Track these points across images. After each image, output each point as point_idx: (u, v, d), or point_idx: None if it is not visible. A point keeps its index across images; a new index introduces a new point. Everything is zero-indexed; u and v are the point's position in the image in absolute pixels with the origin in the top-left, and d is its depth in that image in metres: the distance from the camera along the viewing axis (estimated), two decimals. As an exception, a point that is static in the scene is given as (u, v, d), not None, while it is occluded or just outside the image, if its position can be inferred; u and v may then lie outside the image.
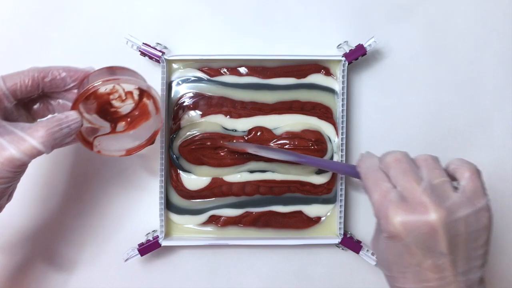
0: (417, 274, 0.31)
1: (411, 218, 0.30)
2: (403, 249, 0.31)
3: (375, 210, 0.32)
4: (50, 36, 0.48)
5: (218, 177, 0.47)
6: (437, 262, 0.30)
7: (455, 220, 0.30)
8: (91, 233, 0.48)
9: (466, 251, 0.30)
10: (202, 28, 0.49)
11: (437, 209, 0.30)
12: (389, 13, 0.49)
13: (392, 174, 0.33)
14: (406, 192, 0.31)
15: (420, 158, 0.33)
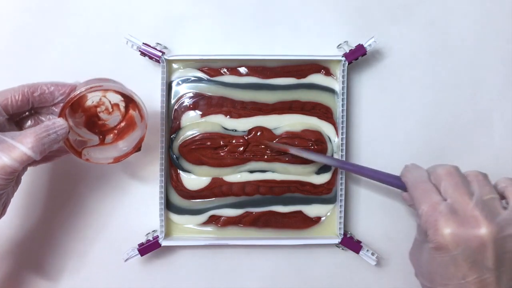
0: (460, 287, 0.31)
1: (461, 230, 0.30)
2: (449, 260, 0.31)
3: (422, 220, 0.33)
4: (50, 36, 0.48)
5: (218, 177, 0.47)
6: (482, 277, 0.30)
7: (504, 236, 0.30)
8: (91, 233, 0.48)
9: (511, 268, 0.31)
10: (202, 28, 0.49)
11: (488, 224, 0.30)
12: (389, 13, 0.49)
13: (444, 186, 0.33)
14: (457, 205, 0.32)
15: (471, 174, 0.34)
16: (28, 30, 0.48)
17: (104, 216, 0.48)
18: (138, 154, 0.44)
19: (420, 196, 0.34)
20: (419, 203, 0.34)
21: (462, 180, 0.33)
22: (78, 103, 0.41)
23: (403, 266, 0.50)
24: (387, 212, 0.49)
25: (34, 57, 0.48)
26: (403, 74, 0.49)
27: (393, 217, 0.50)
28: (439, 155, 0.50)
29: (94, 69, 0.48)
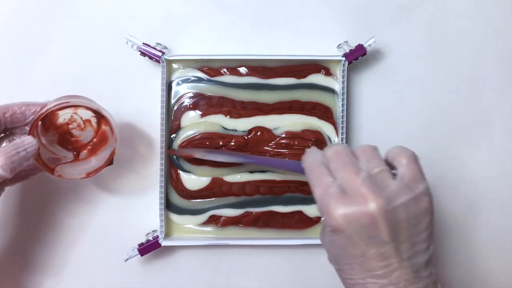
0: (363, 264, 0.31)
1: (351, 210, 0.30)
2: (346, 241, 0.31)
3: (318, 205, 0.32)
4: (50, 36, 0.48)
5: (218, 177, 0.47)
6: (380, 250, 0.30)
7: (394, 207, 0.30)
8: (91, 233, 0.48)
9: (409, 236, 0.31)
10: (202, 28, 0.49)
11: (375, 199, 0.30)
12: (389, 13, 0.49)
13: (332, 167, 0.33)
14: (346, 184, 0.31)
15: (358, 150, 0.34)
16: (28, 30, 0.48)
17: (104, 216, 0.48)
18: (139, 154, 0.44)
19: (314, 180, 0.33)
20: (313, 187, 0.33)
21: (349, 159, 0.33)
22: (49, 121, 0.42)
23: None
24: (387, 212, 0.49)
25: (34, 57, 0.48)
26: (403, 74, 0.49)
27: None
28: (439, 155, 0.50)
29: (94, 69, 0.48)
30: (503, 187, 0.50)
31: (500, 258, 0.50)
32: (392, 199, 0.30)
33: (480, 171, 0.50)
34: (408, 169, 0.32)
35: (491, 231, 0.50)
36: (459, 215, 0.50)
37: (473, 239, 0.50)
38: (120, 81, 0.48)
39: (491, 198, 0.50)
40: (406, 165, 0.32)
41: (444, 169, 0.50)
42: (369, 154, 0.33)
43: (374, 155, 0.33)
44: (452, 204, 0.50)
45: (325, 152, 0.34)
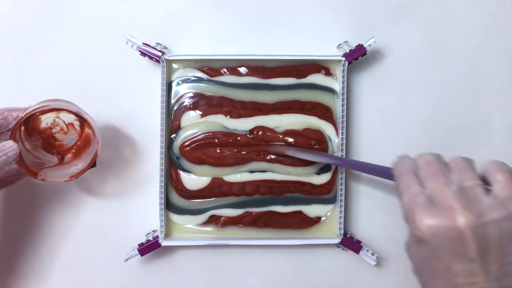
0: (447, 278, 0.30)
1: (437, 222, 0.29)
2: (431, 253, 0.30)
3: (404, 213, 0.32)
4: (50, 36, 0.48)
5: (218, 177, 0.47)
6: (467, 267, 0.29)
7: (485, 224, 0.29)
8: (91, 233, 0.48)
9: (500, 256, 0.29)
10: (202, 28, 0.49)
11: (464, 213, 0.29)
12: (389, 13, 0.49)
13: (422, 176, 0.32)
14: (435, 195, 0.30)
15: (453, 161, 0.33)
16: (28, 30, 0.48)
17: (104, 216, 0.48)
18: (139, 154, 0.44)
19: (402, 188, 0.33)
20: (400, 196, 0.33)
21: (441, 169, 0.32)
22: (32, 126, 0.42)
23: (403, 266, 0.50)
24: (387, 212, 0.49)
25: (34, 57, 0.48)
26: (403, 74, 0.49)
27: (393, 217, 0.50)
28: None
29: (94, 69, 0.48)
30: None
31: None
32: (483, 215, 0.29)
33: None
34: (504, 187, 0.30)
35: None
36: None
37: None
38: (120, 81, 0.48)
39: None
40: (503, 182, 0.30)
41: (444, 169, 0.50)
42: (463, 166, 0.32)
43: (468, 168, 0.32)
44: (452, 204, 0.50)
45: (416, 160, 0.34)
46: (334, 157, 0.45)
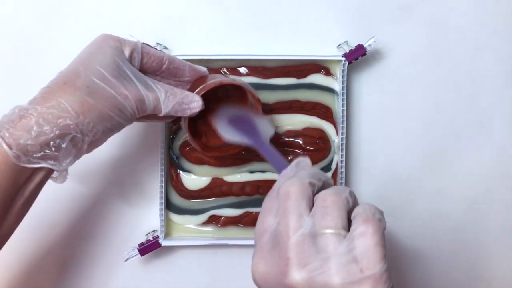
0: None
1: (268, 271, 0.25)
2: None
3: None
4: (50, 36, 0.48)
5: (218, 177, 0.47)
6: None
7: (322, 286, 0.23)
8: (91, 233, 0.48)
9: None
10: (202, 28, 0.49)
11: (298, 270, 0.24)
12: (389, 13, 0.49)
13: (277, 209, 0.27)
14: (279, 236, 0.25)
15: (320, 195, 0.26)
16: (28, 30, 0.48)
17: (104, 216, 0.48)
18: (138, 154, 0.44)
19: (260, 214, 0.28)
20: (258, 220, 0.28)
21: (296, 206, 0.25)
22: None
23: (403, 266, 0.50)
24: (387, 212, 0.49)
25: (34, 57, 0.48)
26: (403, 74, 0.49)
27: (393, 217, 0.50)
28: (439, 155, 0.50)
29: (94, 69, 0.48)
30: (503, 187, 0.50)
31: (501, 258, 0.50)
32: (320, 276, 0.23)
33: (480, 171, 0.50)
34: (363, 240, 0.24)
35: (491, 231, 0.50)
36: (459, 215, 0.50)
37: (474, 239, 0.50)
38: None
39: (491, 198, 0.50)
40: (362, 234, 0.24)
41: (444, 169, 0.50)
42: (328, 206, 0.25)
43: (334, 209, 0.25)
44: (452, 204, 0.50)
45: (279, 186, 0.27)
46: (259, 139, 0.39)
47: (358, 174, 0.49)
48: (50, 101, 0.32)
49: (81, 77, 0.34)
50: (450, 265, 0.50)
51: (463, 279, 0.50)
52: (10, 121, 0.31)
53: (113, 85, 0.34)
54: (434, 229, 0.50)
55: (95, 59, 0.35)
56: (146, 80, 0.37)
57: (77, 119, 0.32)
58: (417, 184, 0.50)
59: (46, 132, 0.31)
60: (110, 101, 0.34)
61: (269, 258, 0.26)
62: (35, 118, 0.31)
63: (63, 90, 0.33)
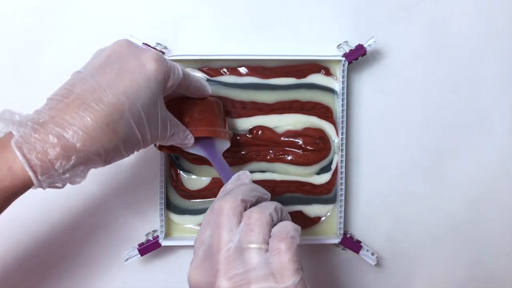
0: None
1: (202, 281, 0.28)
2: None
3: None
4: (50, 36, 0.48)
5: (218, 177, 0.47)
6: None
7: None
8: (91, 233, 0.48)
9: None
10: (202, 28, 0.49)
11: (224, 280, 0.27)
12: (389, 13, 0.49)
13: (212, 222, 0.30)
14: (212, 249, 0.28)
15: (246, 213, 0.29)
16: (28, 30, 0.48)
17: (104, 216, 0.48)
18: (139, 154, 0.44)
19: (201, 225, 0.31)
20: (198, 232, 0.31)
21: (228, 219, 0.29)
22: None
23: (403, 266, 0.50)
24: (387, 212, 0.49)
25: (34, 57, 0.48)
26: (403, 74, 0.49)
27: (393, 217, 0.50)
28: (439, 155, 0.50)
29: (94, 69, 0.48)
30: (503, 187, 0.50)
31: (501, 258, 0.50)
32: (242, 286, 0.27)
33: (480, 171, 0.50)
34: (277, 255, 0.27)
35: (491, 231, 0.50)
36: (459, 215, 0.50)
37: (473, 239, 0.50)
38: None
39: (491, 198, 0.50)
40: (277, 250, 0.27)
41: (444, 169, 0.50)
42: (252, 223, 0.28)
43: (257, 225, 0.28)
44: (452, 204, 0.50)
45: (214, 202, 0.31)
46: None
47: (358, 174, 0.49)
48: (91, 145, 0.30)
49: (123, 119, 0.31)
50: (450, 265, 0.50)
51: (463, 279, 0.50)
52: (43, 151, 0.29)
53: (142, 130, 0.33)
54: (434, 229, 0.50)
55: (140, 97, 0.32)
56: (166, 120, 0.35)
57: (103, 162, 0.32)
58: (417, 184, 0.50)
59: (71, 168, 0.30)
60: (132, 144, 0.33)
61: (202, 268, 0.28)
62: (75, 159, 0.30)
63: (104, 132, 0.30)
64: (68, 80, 0.33)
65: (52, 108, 0.30)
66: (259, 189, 0.32)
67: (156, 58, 0.33)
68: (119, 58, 0.33)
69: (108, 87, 0.31)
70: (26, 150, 0.29)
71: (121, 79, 0.31)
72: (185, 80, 0.36)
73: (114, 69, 0.32)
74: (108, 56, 0.33)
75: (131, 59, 0.33)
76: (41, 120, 0.29)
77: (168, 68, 0.34)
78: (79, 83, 0.31)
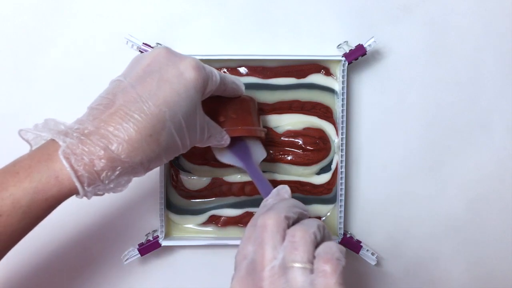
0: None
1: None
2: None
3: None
4: (50, 36, 0.48)
5: (218, 177, 0.47)
6: None
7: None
8: (91, 233, 0.48)
9: None
10: (202, 28, 0.49)
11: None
12: (389, 13, 0.49)
13: (255, 238, 0.29)
14: (255, 264, 0.28)
15: (290, 230, 0.29)
16: (28, 30, 0.48)
17: (104, 216, 0.48)
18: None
19: (242, 240, 0.31)
20: (239, 246, 0.31)
21: (272, 236, 0.28)
22: None
23: (403, 266, 0.50)
24: (387, 212, 0.49)
25: (34, 57, 0.48)
26: (403, 74, 0.49)
27: (393, 217, 0.50)
28: (439, 155, 0.50)
29: (94, 69, 0.48)
30: (503, 187, 0.50)
31: (501, 258, 0.50)
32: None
33: (480, 171, 0.50)
34: (323, 278, 0.27)
35: (491, 231, 0.50)
36: (459, 215, 0.50)
37: (474, 239, 0.50)
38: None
39: (491, 198, 0.50)
40: (323, 271, 0.27)
41: (444, 169, 0.50)
42: (297, 241, 0.28)
43: (301, 244, 0.28)
44: (452, 204, 0.50)
45: (258, 217, 0.30)
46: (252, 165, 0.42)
47: (358, 174, 0.49)
48: (135, 156, 0.31)
49: (165, 129, 0.32)
50: (450, 265, 0.50)
51: (463, 279, 0.50)
52: (90, 163, 0.30)
53: (183, 137, 0.33)
54: (434, 229, 0.50)
55: (181, 106, 0.32)
56: (204, 125, 0.36)
57: (145, 170, 0.33)
58: (417, 184, 0.50)
59: (116, 178, 0.31)
60: (173, 151, 0.34)
61: (245, 283, 0.28)
62: (120, 170, 0.31)
63: (147, 144, 0.31)
64: (108, 89, 0.33)
65: (96, 118, 0.31)
66: (300, 205, 0.32)
67: (194, 65, 0.33)
68: (159, 67, 0.33)
69: (149, 97, 0.31)
70: (74, 161, 0.29)
71: (161, 89, 0.32)
72: (222, 84, 0.37)
73: (155, 79, 0.32)
74: (147, 65, 0.33)
75: (170, 68, 0.33)
76: (86, 131, 0.30)
77: (206, 75, 0.34)
78: (120, 93, 0.32)
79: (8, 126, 0.48)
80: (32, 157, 0.30)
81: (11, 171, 0.30)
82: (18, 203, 0.30)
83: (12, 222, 0.30)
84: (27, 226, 0.32)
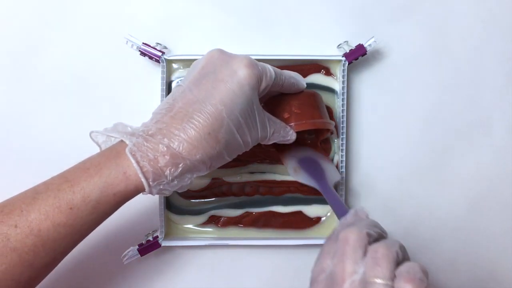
0: None
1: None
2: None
3: (310, 279, 0.31)
4: (50, 36, 0.48)
5: (218, 177, 0.47)
6: None
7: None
8: (91, 233, 0.48)
9: None
10: (202, 28, 0.49)
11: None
12: (389, 13, 0.49)
13: (336, 251, 0.30)
14: (335, 279, 0.28)
15: (372, 246, 0.29)
16: (28, 30, 0.48)
17: (104, 216, 0.48)
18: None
19: (319, 254, 0.31)
20: (316, 260, 0.31)
21: (353, 252, 0.28)
22: None
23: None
24: (387, 212, 0.49)
25: (34, 57, 0.48)
26: (403, 74, 0.49)
27: (393, 217, 0.50)
28: (439, 155, 0.50)
29: (94, 69, 0.48)
30: (503, 187, 0.50)
31: (501, 258, 0.50)
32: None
33: (480, 171, 0.50)
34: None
35: (492, 231, 0.50)
36: (459, 215, 0.50)
37: (474, 239, 0.50)
38: (120, 81, 0.48)
39: (491, 198, 0.50)
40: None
41: (444, 169, 0.50)
42: (379, 257, 0.28)
43: (383, 262, 0.27)
44: (452, 204, 0.50)
45: (339, 231, 0.30)
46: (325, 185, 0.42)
47: (358, 174, 0.49)
48: (196, 154, 0.33)
49: (223, 127, 0.33)
50: (450, 265, 0.50)
51: (463, 279, 0.50)
52: (154, 159, 0.32)
53: (243, 133, 0.35)
54: (434, 229, 0.50)
55: (237, 104, 0.34)
56: (264, 121, 0.37)
57: (207, 168, 0.35)
58: (417, 184, 0.50)
59: (179, 175, 0.33)
60: (234, 148, 0.35)
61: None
62: (182, 167, 0.33)
63: (206, 142, 0.33)
64: (170, 94, 0.36)
65: (158, 121, 0.33)
66: (379, 226, 0.32)
67: (247, 63, 0.35)
68: (213, 68, 0.35)
69: (205, 98, 0.33)
70: (139, 157, 0.32)
71: (216, 89, 0.34)
72: (278, 79, 0.38)
73: (210, 80, 0.34)
74: (202, 68, 0.35)
75: (224, 68, 0.35)
76: (150, 132, 0.33)
77: (260, 71, 0.36)
78: (179, 97, 0.34)
79: (8, 126, 0.48)
80: (102, 155, 0.33)
81: (82, 168, 0.32)
82: (88, 197, 0.32)
83: (82, 215, 0.32)
84: (95, 220, 0.33)
